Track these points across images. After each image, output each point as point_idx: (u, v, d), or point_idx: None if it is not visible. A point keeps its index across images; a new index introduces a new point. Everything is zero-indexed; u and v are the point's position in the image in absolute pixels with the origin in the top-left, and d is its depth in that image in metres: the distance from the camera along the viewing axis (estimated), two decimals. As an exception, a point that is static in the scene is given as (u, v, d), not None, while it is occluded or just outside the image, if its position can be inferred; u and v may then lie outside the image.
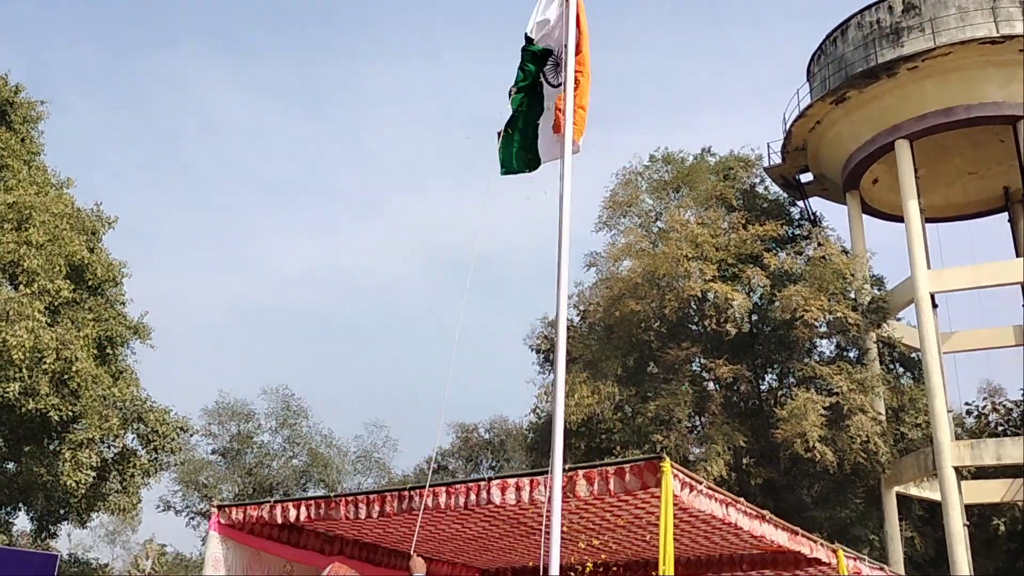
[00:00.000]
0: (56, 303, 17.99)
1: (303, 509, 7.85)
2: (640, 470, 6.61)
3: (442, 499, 7.15)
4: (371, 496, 7.58)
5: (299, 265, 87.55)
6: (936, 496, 22.84)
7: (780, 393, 25.90)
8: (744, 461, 23.71)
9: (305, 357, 78.20)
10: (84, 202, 20.95)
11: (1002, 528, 27.12)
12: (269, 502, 8.04)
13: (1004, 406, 30.53)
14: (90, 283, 19.49)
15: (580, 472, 6.81)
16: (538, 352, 28.78)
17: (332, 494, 7.81)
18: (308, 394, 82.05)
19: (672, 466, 6.46)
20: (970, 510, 22.76)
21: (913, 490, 23.92)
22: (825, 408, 21.60)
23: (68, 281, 18.27)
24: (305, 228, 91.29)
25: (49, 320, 17.34)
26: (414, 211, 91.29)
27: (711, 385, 25.65)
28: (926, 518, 27.64)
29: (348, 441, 35.41)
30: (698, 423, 25.80)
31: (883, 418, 23.14)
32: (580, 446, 25.45)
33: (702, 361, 25.49)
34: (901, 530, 23.89)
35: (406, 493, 7.43)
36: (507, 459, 35.78)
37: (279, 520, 7.95)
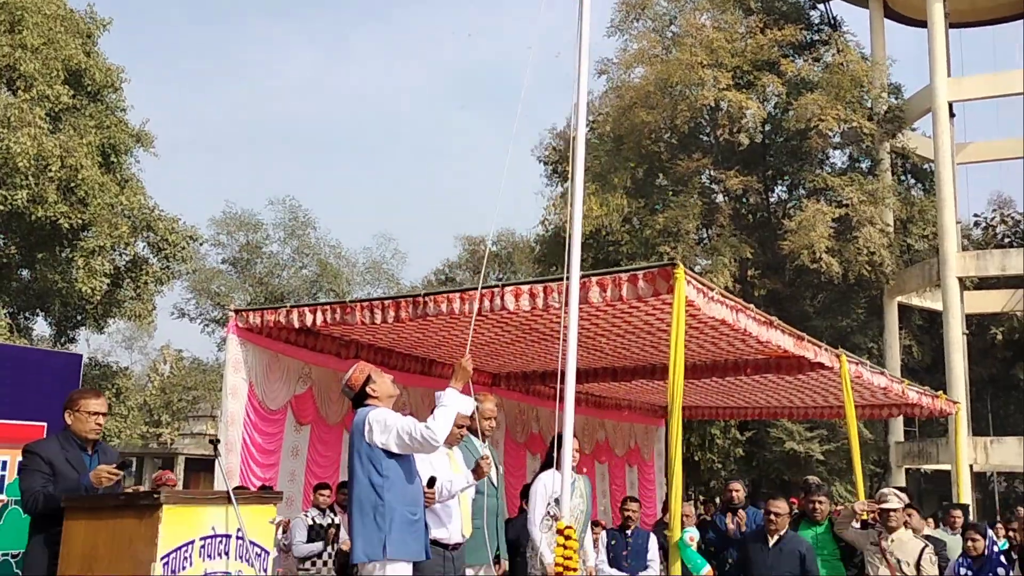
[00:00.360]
0: (56, 109, 17.64)
1: (319, 314, 7.93)
2: (653, 276, 6.59)
3: (456, 305, 7.20)
4: (386, 302, 7.64)
5: (302, 76, 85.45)
6: (937, 306, 23.22)
7: (789, 205, 25.81)
8: (749, 273, 23.93)
9: (311, 169, 77.89)
10: (76, 3, 20.18)
11: (999, 337, 27.75)
12: (285, 307, 8.13)
13: (1012, 218, 30.54)
14: (89, 89, 19.04)
15: (594, 279, 6.80)
16: (546, 164, 28.50)
17: (348, 299, 7.87)
18: (315, 206, 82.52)
19: (686, 272, 6.45)
20: (969, 319, 23.20)
21: (915, 300, 24.30)
22: (834, 219, 21.58)
23: (67, 87, 17.84)
24: (308, 36, 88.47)
25: (51, 127, 17.06)
26: (422, 20, 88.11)
27: (720, 197, 25.53)
28: (924, 327, 28.25)
29: (357, 252, 35.79)
30: (705, 235, 25.88)
31: (891, 229, 23.17)
32: (587, 258, 25.55)
33: (712, 173, 25.24)
34: (900, 339, 24.46)
35: (420, 299, 7.48)
36: (514, 271, 36.19)
37: (296, 324, 8.06)
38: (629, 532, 7.25)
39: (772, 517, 6.65)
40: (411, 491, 4.50)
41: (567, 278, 5.16)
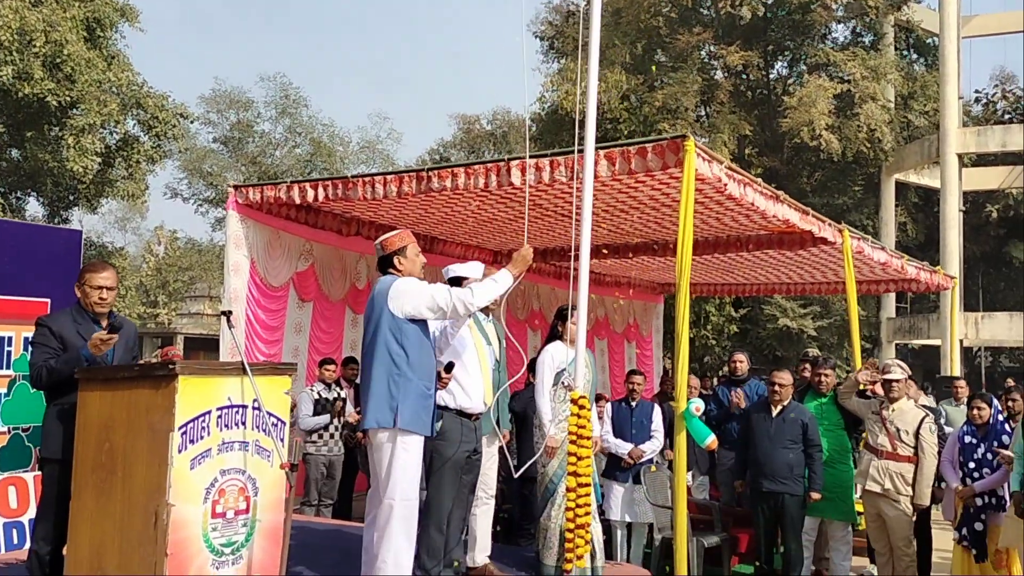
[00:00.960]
0: (36, -18, 17.00)
1: (320, 189, 7.81)
2: (663, 149, 6.47)
3: (460, 180, 7.09)
4: (388, 176, 7.51)
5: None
6: (934, 183, 23.12)
7: (790, 81, 25.35)
8: (747, 151, 23.69)
9: (301, 47, 75.92)
10: None
11: (994, 214, 27.79)
12: (286, 183, 7.99)
13: (1014, 93, 30.08)
14: (68, -40, 18.28)
15: (601, 152, 6.67)
16: (543, 39, 27.78)
17: (350, 175, 7.73)
18: (306, 84, 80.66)
19: (696, 145, 6.33)
20: (965, 197, 23.13)
21: (912, 177, 24.19)
22: (835, 95, 21.22)
23: (45, -42, 17.13)
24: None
25: (32, 0, 16.46)
26: None
27: (719, 73, 25.03)
28: (920, 204, 28.23)
29: (351, 132, 35.22)
30: (704, 113, 25.49)
31: (892, 106, 22.83)
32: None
33: (712, 48, 24.65)
34: (896, 216, 24.46)
35: (424, 174, 7.35)
36: (509, 151, 35.75)
37: (296, 200, 7.94)
38: (634, 404, 7.35)
39: (776, 388, 6.74)
40: (428, 365, 4.49)
41: (579, 151, 5.03)
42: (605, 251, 10.88)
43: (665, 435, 7.30)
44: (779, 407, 6.74)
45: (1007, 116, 29.48)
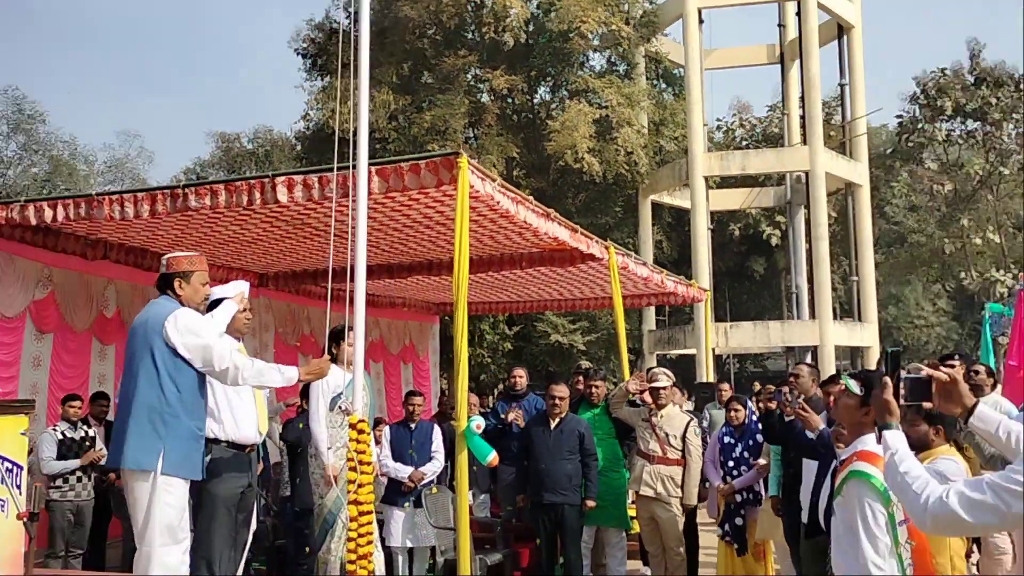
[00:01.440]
0: None
1: (60, 209, 7.07)
2: (436, 166, 6.40)
3: (222, 198, 6.66)
4: (139, 195, 6.93)
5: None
6: (685, 203, 24.72)
7: (553, 106, 26.27)
8: (515, 173, 24.29)
9: (39, 59, 70.08)
10: None
11: (736, 232, 30.15)
12: (19, 202, 7.19)
13: (750, 122, 32.90)
14: None
15: (374, 169, 6.50)
16: (305, 57, 27.20)
17: (94, 192, 7.06)
18: (45, 98, 74.43)
19: (469, 162, 6.31)
20: (712, 216, 24.91)
21: (666, 198, 25.74)
22: (595, 120, 22.22)
23: None
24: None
25: None
26: None
27: (486, 96, 25.56)
28: (673, 224, 30.14)
29: (95, 150, 32.83)
30: (472, 135, 25.90)
31: (646, 131, 24.22)
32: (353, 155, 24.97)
33: (478, 71, 25.14)
34: (652, 234, 25.93)
35: (179, 191, 6.84)
36: (273, 171, 34.67)
37: (32, 221, 7.16)
38: (413, 426, 7.20)
39: (556, 401, 6.82)
40: (201, 404, 4.13)
41: (353, 167, 4.84)
42: (380, 271, 10.68)
43: (446, 455, 7.21)
44: (557, 420, 6.83)
45: (744, 142, 32.16)
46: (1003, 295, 29.13)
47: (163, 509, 3.90)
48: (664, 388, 6.90)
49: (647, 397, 7.26)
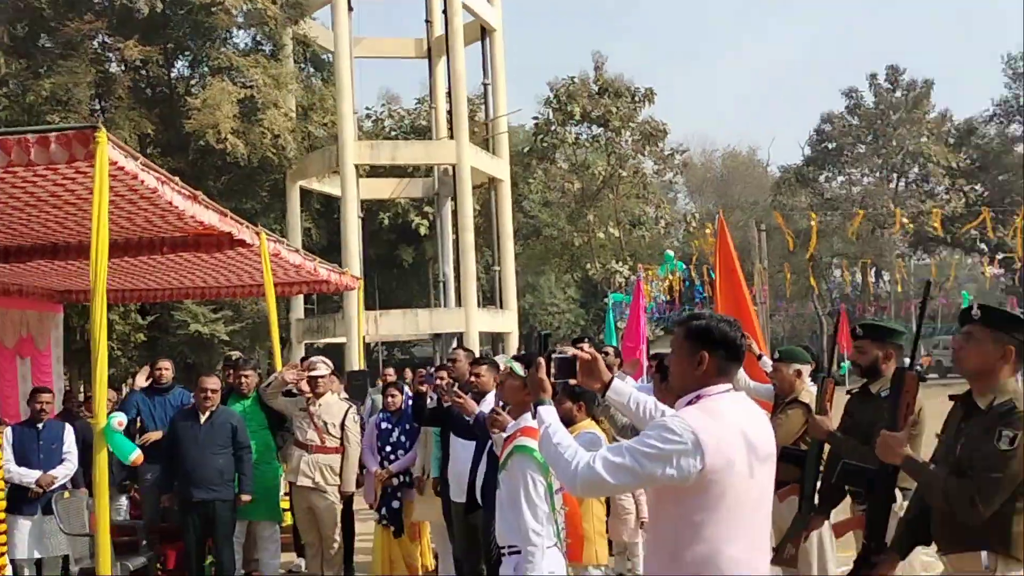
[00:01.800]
0: None
1: None
2: (69, 140, 5.82)
3: None
4: None
5: None
6: (335, 191, 24.67)
7: (193, 82, 24.94)
8: (149, 150, 22.72)
9: None
10: None
11: (386, 221, 30.71)
12: None
13: (399, 112, 33.60)
14: None
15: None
16: None
17: None
18: None
19: (109, 137, 5.82)
20: (362, 205, 25.11)
21: (315, 185, 25.48)
22: (239, 100, 21.43)
23: None
24: None
25: None
26: None
27: (116, 67, 23.67)
28: (321, 211, 30.00)
29: None
30: (100, 107, 23.85)
31: (294, 115, 23.80)
32: None
33: (107, 39, 23.16)
34: (301, 221, 25.58)
35: None
36: None
37: None
38: (40, 425, 6.50)
39: (208, 393, 6.53)
40: None
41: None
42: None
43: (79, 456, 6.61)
44: (208, 413, 6.54)
45: (393, 133, 32.77)
46: (622, 285, 32.61)
47: None
48: (323, 377, 6.88)
49: (304, 386, 7.19)
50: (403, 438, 7.00)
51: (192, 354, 22.76)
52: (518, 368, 3.72)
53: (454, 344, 24.69)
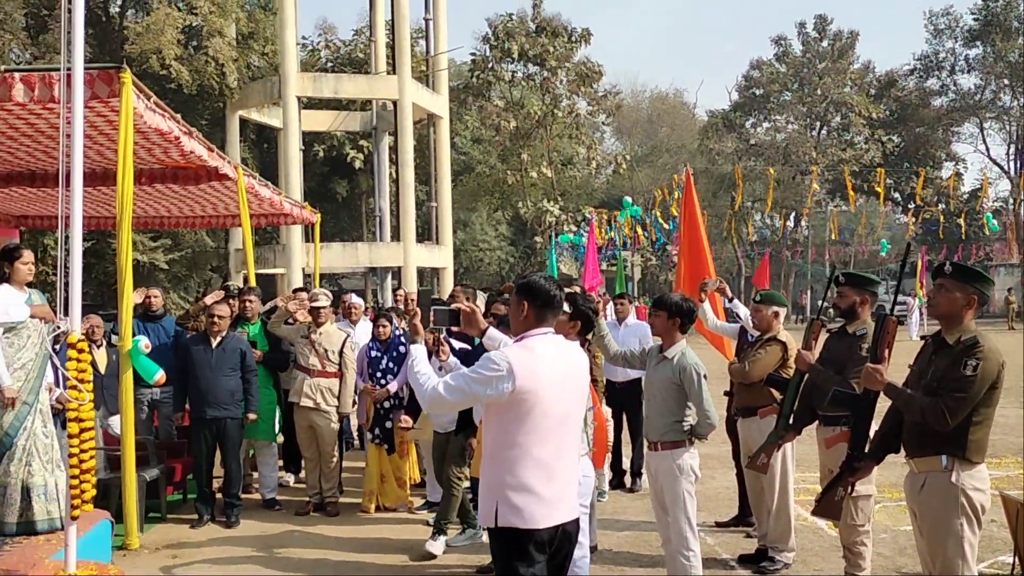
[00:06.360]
0: None
1: None
2: (92, 79, 6.10)
3: None
4: None
5: None
6: (274, 121, 24.58)
7: (135, 7, 24.39)
8: (85, 73, 22.28)
9: None
10: None
11: (321, 153, 30.65)
12: None
13: (335, 44, 33.24)
14: None
15: (17, 75, 6.03)
16: None
17: None
18: None
19: (133, 78, 6.16)
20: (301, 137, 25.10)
21: (255, 115, 25.27)
22: (184, 28, 21.14)
23: None
24: None
25: None
26: None
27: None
28: (256, 140, 29.78)
29: None
30: (30, 26, 23.19)
31: (235, 43, 23.52)
32: None
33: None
34: (240, 151, 25.44)
35: None
36: None
37: None
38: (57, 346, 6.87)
39: (216, 319, 6.97)
40: None
41: (66, 69, 4.60)
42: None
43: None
44: (218, 338, 6.99)
45: (329, 64, 32.48)
46: (551, 224, 33.30)
47: None
48: (324, 308, 7.37)
49: (299, 316, 7.67)
50: (391, 364, 7.52)
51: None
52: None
53: (389, 277, 25.17)
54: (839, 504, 4.12)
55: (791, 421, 5.10)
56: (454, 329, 4.09)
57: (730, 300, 6.90)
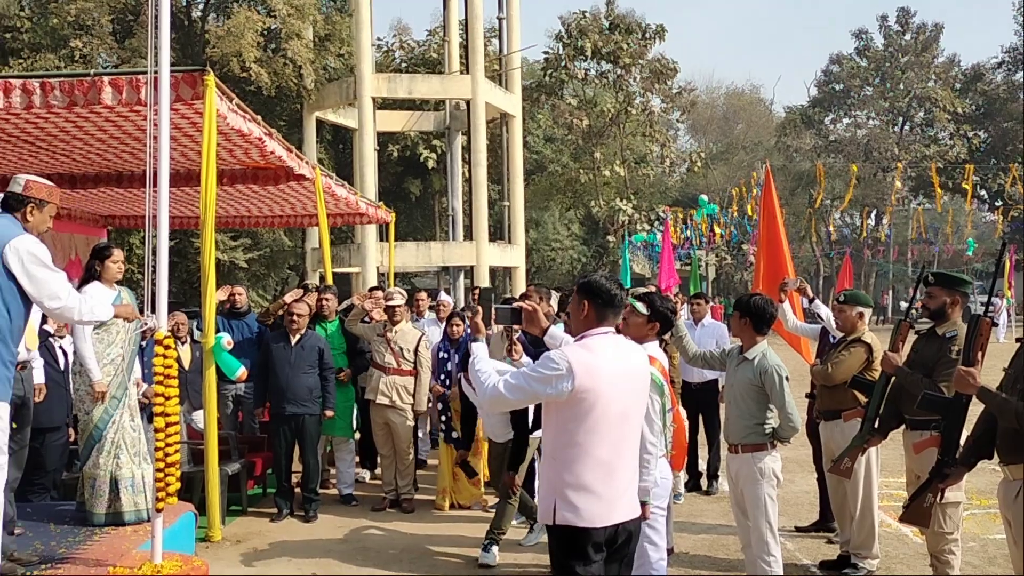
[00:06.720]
0: None
1: None
2: (177, 81, 6.26)
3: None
4: None
5: None
6: (349, 122, 24.92)
7: (211, 11, 25.00)
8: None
9: None
10: None
11: (395, 153, 30.98)
12: None
13: (409, 44, 33.57)
14: None
15: (106, 79, 6.22)
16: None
17: None
18: None
19: (216, 81, 6.30)
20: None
21: (331, 116, 25.70)
22: (263, 31, 21.57)
23: None
24: None
25: None
26: None
27: (135, -7, 23.72)
28: (332, 141, 30.25)
29: None
30: (116, 31, 23.94)
31: (311, 46, 23.91)
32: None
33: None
34: (316, 152, 25.88)
35: None
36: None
37: None
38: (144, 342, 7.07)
39: (295, 318, 7.08)
40: (21, 331, 4.08)
41: (157, 72, 4.73)
42: (61, 180, 9.93)
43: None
44: (297, 335, 7.11)
45: (403, 65, 32.81)
46: (624, 223, 33.07)
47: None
48: (399, 306, 7.44)
49: (375, 315, 7.75)
50: (461, 366, 7.54)
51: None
52: (640, 307, 4.30)
53: (462, 277, 25.30)
54: (928, 511, 3.99)
55: (876, 425, 4.94)
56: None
57: (811, 300, 6.74)
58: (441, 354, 7.78)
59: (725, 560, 6.04)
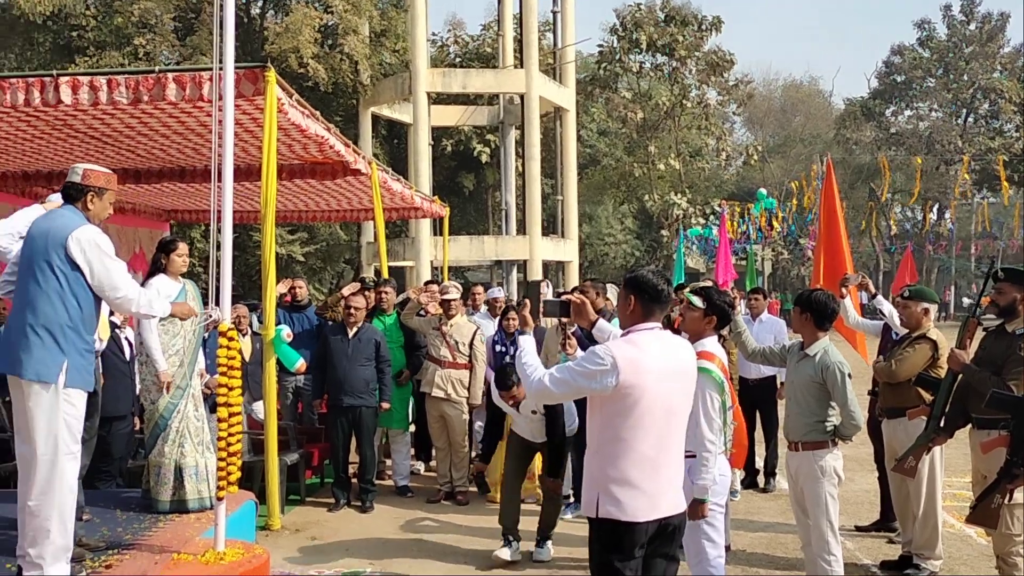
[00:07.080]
0: None
1: None
2: (239, 77, 6.36)
3: (10, 96, 6.17)
4: None
5: None
6: (404, 117, 25.08)
7: (269, 7, 25.34)
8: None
9: None
10: None
11: (449, 148, 31.10)
12: None
13: (463, 39, 33.66)
14: None
15: (170, 75, 6.35)
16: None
17: None
18: None
19: (276, 76, 6.39)
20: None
21: (386, 111, 25.88)
22: (320, 27, 21.80)
23: None
24: None
25: None
26: None
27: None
28: (387, 136, 30.46)
29: None
30: (179, 29, 24.37)
31: (368, 41, 24.11)
32: (45, 42, 22.69)
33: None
34: (372, 147, 26.11)
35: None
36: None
37: None
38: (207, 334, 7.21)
39: (352, 311, 7.16)
40: (95, 320, 4.23)
41: (218, 68, 4.82)
42: (125, 175, 10.16)
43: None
44: (355, 328, 7.19)
45: (457, 60, 32.91)
46: (678, 217, 32.79)
47: (66, 420, 3.94)
48: (455, 300, 7.49)
49: (431, 308, 7.81)
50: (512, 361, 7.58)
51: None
52: (696, 300, 4.26)
53: (515, 271, 25.30)
54: (996, 512, 3.90)
55: (942, 423, 4.84)
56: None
57: (872, 296, 6.61)
58: (498, 347, 7.80)
59: (783, 559, 5.97)
